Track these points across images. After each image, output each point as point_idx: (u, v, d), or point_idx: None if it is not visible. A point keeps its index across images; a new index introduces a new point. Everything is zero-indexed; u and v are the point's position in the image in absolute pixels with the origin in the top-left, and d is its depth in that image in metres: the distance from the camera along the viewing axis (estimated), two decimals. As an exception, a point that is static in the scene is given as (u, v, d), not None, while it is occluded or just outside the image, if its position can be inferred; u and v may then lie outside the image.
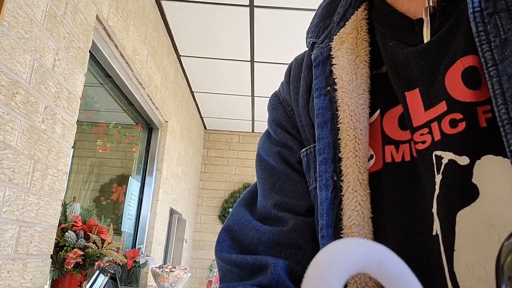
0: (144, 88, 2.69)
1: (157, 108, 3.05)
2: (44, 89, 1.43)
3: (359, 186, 0.39)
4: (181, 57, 3.42)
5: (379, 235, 0.39)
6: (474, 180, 0.33)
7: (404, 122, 0.39)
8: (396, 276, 0.19)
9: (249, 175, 5.19)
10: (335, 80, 0.44)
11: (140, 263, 2.77)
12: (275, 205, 0.47)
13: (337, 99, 0.43)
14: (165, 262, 3.51)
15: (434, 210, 0.35)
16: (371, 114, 0.42)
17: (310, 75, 0.48)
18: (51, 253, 1.53)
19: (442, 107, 0.36)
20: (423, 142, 0.37)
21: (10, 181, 1.26)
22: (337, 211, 0.40)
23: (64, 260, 1.67)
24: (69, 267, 1.66)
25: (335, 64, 0.44)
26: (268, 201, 0.48)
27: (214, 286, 3.82)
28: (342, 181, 0.40)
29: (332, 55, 0.45)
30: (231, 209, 4.94)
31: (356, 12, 0.46)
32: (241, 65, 3.48)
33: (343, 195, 0.40)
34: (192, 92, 4.17)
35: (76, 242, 1.72)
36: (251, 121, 4.93)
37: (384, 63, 0.43)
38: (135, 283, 2.80)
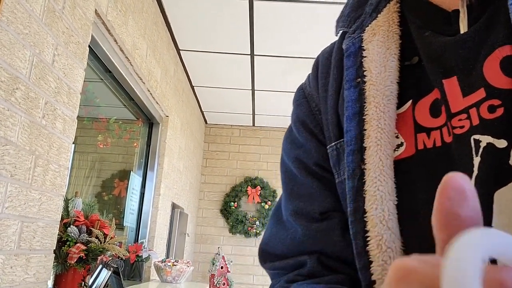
0: (144, 83, 2.68)
1: (157, 103, 3.05)
2: (44, 85, 1.42)
3: (379, 173, 0.42)
4: (180, 51, 3.42)
5: (409, 219, 0.41)
6: (511, 162, 0.36)
7: (435, 110, 0.42)
8: None
9: (250, 169, 5.19)
10: (364, 73, 0.45)
11: (143, 257, 2.78)
12: (292, 213, 0.52)
13: (365, 91, 0.45)
14: (167, 256, 3.53)
15: None
16: (402, 105, 0.44)
17: (340, 73, 0.50)
18: (54, 248, 1.54)
19: (480, 93, 0.38)
20: (461, 127, 0.39)
21: (11, 176, 1.26)
22: (362, 197, 0.43)
23: (67, 255, 1.68)
24: (72, 262, 1.66)
25: (365, 57, 0.46)
26: (287, 208, 0.53)
27: (217, 280, 3.84)
28: (365, 169, 0.43)
29: (363, 47, 0.47)
30: (232, 203, 4.97)
31: (388, 5, 0.48)
32: (241, 59, 3.47)
33: (365, 181, 0.43)
34: (192, 87, 4.16)
35: (79, 237, 1.73)
36: (251, 115, 4.92)
37: (418, 54, 0.44)
38: (138, 277, 2.82)
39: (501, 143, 0.36)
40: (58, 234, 1.59)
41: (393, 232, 0.40)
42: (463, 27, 0.40)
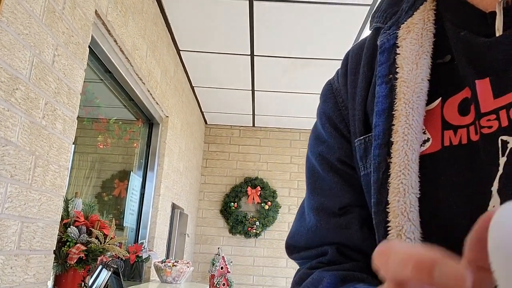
0: (144, 83, 2.68)
1: (157, 103, 3.05)
2: (44, 85, 1.42)
3: (403, 167, 0.43)
4: (180, 52, 3.42)
5: (430, 212, 0.43)
6: None
7: (464, 108, 0.43)
8: None
9: (250, 169, 5.19)
10: (397, 69, 0.47)
11: (143, 257, 2.78)
12: (313, 208, 0.55)
13: (396, 88, 0.46)
14: (167, 256, 3.53)
15: (494, 188, 0.38)
16: (431, 101, 0.45)
17: (370, 70, 0.52)
18: (54, 249, 1.54)
19: (511, 96, 0.39)
20: (490, 127, 0.40)
21: (11, 177, 1.26)
22: (386, 189, 0.45)
23: (67, 255, 1.68)
24: (72, 262, 1.66)
25: (398, 54, 0.47)
26: (309, 204, 0.56)
27: (217, 280, 3.84)
28: (391, 163, 0.45)
29: (397, 43, 0.48)
30: (232, 203, 4.97)
31: (425, 2, 0.49)
32: (241, 59, 3.47)
33: (390, 175, 0.44)
34: (192, 87, 4.17)
35: (79, 237, 1.73)
36: (251, 115, 4.92)
37: (451, 52, 0.45)
38: (138, 277, 2.82)
39: None
40: (58, 235, 1.59)
41: (413, 224, 0.41)
42: (499, 30, 0.41)
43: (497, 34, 0.41)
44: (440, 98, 0.45)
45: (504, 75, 0.40)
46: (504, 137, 0.38)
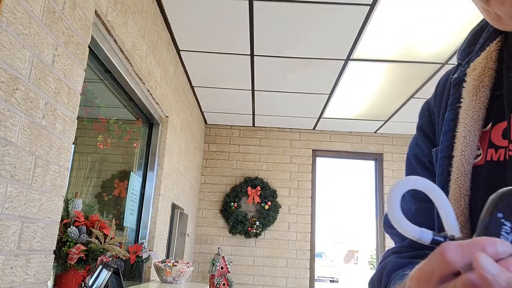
0: (144, 83, 2.68)
1: (157, 103, 3.05)
2: (44, 85, 1.42)
3: (460, 175, 0.58)
4: (180, 52, 3.42)
5: (473, 207, 0.57)
6: None
7: (505, 133, 0.56)
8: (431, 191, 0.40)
9: (250, 169, 5.19)
10: (461, 100, 0.61)
11: (143, 257, 2.78)
12: (410, 195, 0.71)
13: (459, 114, 0.60)
14: (167, 256, 3.53)
15: None
16: (487, 125, 0.59)
17: (447, 96, 0.66)
18: (54, 249, 1.54)
19: None
20: None
21: (11, 177, 1.26)
22: (446, 190, 0.58)
23: (67, 255, 1.68)
24: (72, 263, 1.66)
25: (464, 87, 0.61)
26: (407, 192, 0.71)
27: (217, 280, 3.83)
28: (451, 170, 0.60)
29: (465, 79, 0.62)
30: (232, 203, 4.98)
31: (491, 44, 0.61)
32: (241, 59, 3.47)
33: (451, 180, 0.59)
34: (192, 87, 4.16)
35: (79, 237, 1.73)
36: (251, 115, 4.92)
37: (503, 89, 0.57)
38: (138, 277, 2.82)
39: None
40: (58, 235, 1.59)
41: (465, 216, 0.56)
42: None
43: None
44: (491, 123, 0.58)
45: None
46: None
